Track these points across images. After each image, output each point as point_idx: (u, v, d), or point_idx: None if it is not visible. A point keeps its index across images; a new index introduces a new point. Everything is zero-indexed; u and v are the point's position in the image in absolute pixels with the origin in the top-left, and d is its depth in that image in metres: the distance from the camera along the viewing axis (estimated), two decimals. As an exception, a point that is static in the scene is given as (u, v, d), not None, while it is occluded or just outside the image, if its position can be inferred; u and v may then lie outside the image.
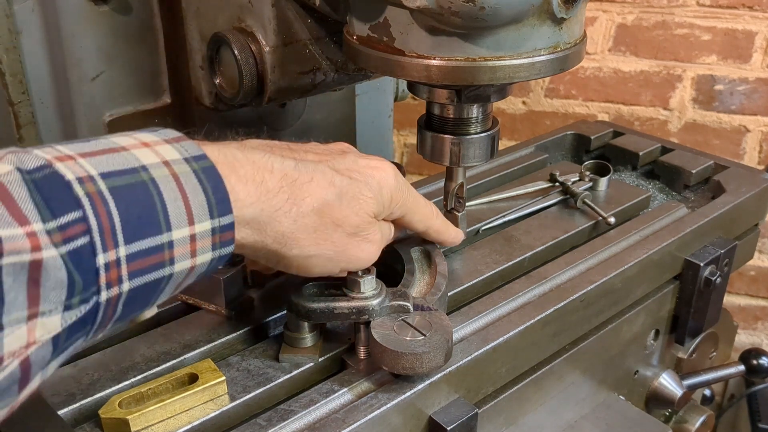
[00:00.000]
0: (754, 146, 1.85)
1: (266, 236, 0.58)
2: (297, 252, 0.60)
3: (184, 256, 0.50)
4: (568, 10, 0.64)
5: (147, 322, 0.72)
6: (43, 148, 0.47)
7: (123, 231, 0.46)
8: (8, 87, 0.87)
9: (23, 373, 0.44)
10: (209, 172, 0.51)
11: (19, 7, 0.84)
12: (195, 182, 0.50)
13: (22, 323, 0.42)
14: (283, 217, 0.58)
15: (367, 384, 0.65)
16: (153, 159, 0.49)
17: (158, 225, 0.48)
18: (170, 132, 0.53)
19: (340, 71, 0.85)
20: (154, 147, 0.50)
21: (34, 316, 0.42)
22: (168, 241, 0.48)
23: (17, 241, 0.41)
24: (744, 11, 1.73)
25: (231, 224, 0.52)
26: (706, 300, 0.93)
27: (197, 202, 0.50)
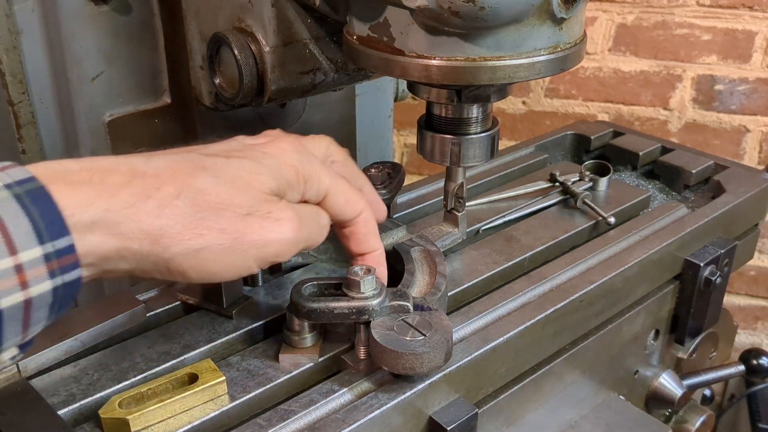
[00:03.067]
0: (754, 146, 1.85)
1: (127, 239, 0.51)
2: (178, 249, 0.52)
3: (10, 290, 0.45)
4: (568, 10, 0.64)
5: (147, 322, 0.72)
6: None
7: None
8: (8, 87, 0.87)
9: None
10: (35, 193, 0.46)
11: (19, 7, 0.84)
12: (15, 207, 0.45)
13: None
14: (140, 214, 0.51)
15: (367, 384, 0.65)
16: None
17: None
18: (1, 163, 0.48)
19: (340, 71, 0.85)
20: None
21: None
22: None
23: None
24: (744, 11, 1.73)
25: (70, 247, 0.47)
26: (706, 300, 0.93)
27: (19, 229, 0.45)
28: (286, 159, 0.59)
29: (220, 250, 0.54)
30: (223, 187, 0.54)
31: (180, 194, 0.53)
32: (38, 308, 0.48)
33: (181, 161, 0.55)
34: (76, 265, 0.48)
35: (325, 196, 0.62)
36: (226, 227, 0.54)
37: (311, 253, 0.82)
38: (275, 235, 0.56)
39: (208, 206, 0.54)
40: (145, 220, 0.51)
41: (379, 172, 0.87)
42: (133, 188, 0.51)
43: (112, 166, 0.52)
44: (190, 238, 0.53)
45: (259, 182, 0.56)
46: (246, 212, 0.55)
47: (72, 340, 0.67)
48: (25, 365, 0.64)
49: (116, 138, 0.93)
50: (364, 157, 1.20)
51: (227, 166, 0.56)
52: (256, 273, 0.78)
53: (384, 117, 1.25)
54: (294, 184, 0.59)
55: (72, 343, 0.67)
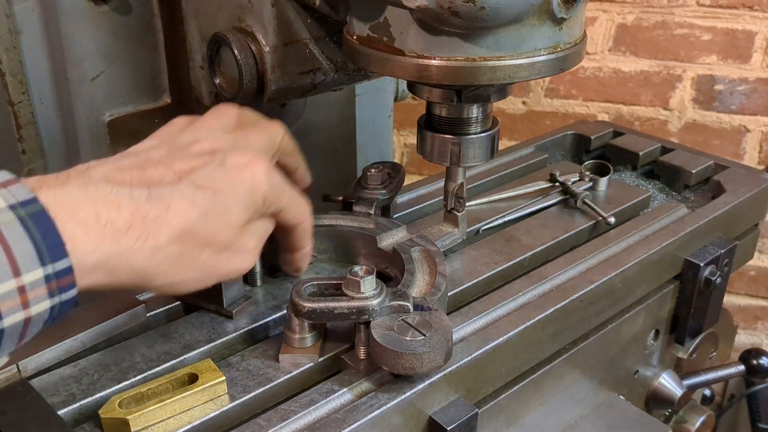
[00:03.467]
0: (754, 146, 1.85)
1: (120, 276, 0.55)
2: (160, 282, 0.58)
3: (12, 309, 0.48)
4: (568, 10, 0.64)
5: (147, 322, 0.72)
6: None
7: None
8: (8, 87, 0.87)
9: None
10: (38, 217, 0.49)
11: (19, 7, 0.84)
12: (20, 230, 0.48)
13: None
14: (136, 256, 0.55)
15: (367, 384, 0.65)
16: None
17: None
18: (2, 175, 0.50)
19: (340, 71, 0.84)
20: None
21: None
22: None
23: None
24: (744, 11, 1.73)
25: (68, 268, 0.50)
26: (706, 300, 0.93)
27: (23, 252, 0.47)
28: (259, 187, 0.63)
29: (195, 281, 0.61)
30: (209, 226, 0.59)
31: (173, 236, 0.57)
32: (36, 324, 0.50)
33: (177, 197, 0.58)
34: (72, 285, 0.51)
35: (279, 212, 0.68)
36: (203, 263, 0.60)
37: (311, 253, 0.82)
38: (240, 265, 0.64)
39: (193, 244, 0.58)
40: (138, 261, 0.55)
41: (379, 172, 0.87)
42: (134, 231, 0.55)
43: (117, 201, 0.54)
44: (173, 275, 0.58)
45: (238, 217, 0.62)
46: (223, 248, 0.61)
47: (72, 340, 0.67)
48: (25, 365, 0.64)
49: (116, 138, 0.93)
50: (364, 157, 1.20)
51: (214, 203, 0.60)
52: (256, 272, 0.78)
53: (384, 117, 1.25)
54: (260, 208, 0.64)
55: (72, 343, 0.67)
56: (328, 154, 1.10)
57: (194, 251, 0.59)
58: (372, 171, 0.87)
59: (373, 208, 0.84)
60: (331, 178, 1.11)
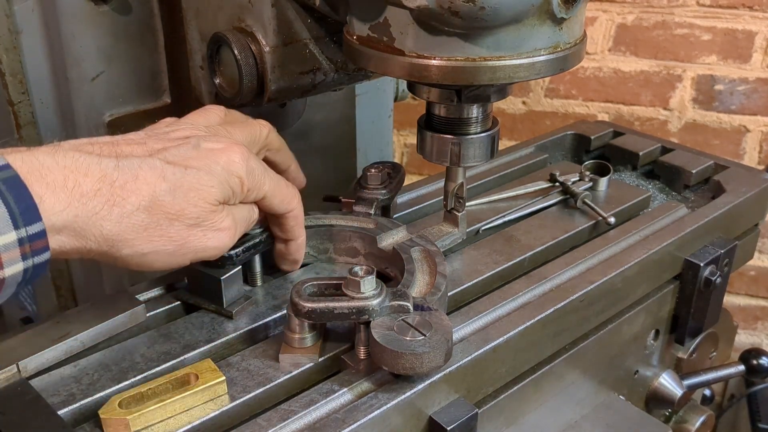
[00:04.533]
0: (754, 146, 1.85)
1: (88, 241, 0.56)
2: (128, 252, 0.59)
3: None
4: (568, 10, 0.64)
5: (147, 322, 0.72)
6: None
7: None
8: (8, 87, 0.87)
9: None
10: (11, 182, 0.50)
11: (19, 7, 0.84)
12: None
13: None
14: (104, 221, 0.56)
15: (367, 384, 0.65)
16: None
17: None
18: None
19: (340, 71, 0.85)
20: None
21: None
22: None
23: None
24: (744, 11, 1.73)
25: (42, 232, 0.52)
26: (706, 300, 0.93)
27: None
28: (235, 170, 0.64)
29: (165, 254, 0.61)
30: (178, 199, 0.60)
31: (140, 205, 0.58)
32: (9, 286, 0.52)
33: (146, 168, 0.59)
34: (46, 249, 0.53)
35: (263, 198, 0.69)
36: (173, 235, 0.61)
37: (311, 253, 0.82)
38: (214, 243, 0.64)
39: (162, 216, 0.60)
40: (106, 226, 0.57)
41: (379, 172, 0.87)
42: (101, 197, 0.56)
43: (85, 166, 0.56)
44: (141, 243, 0.59)
45: (210, 195, 0.62)
46: (194, 223, 0.62)
47: (72, 340, 0.67)
48: (25, 365, 0.64)
49: (116, 138, 0.93)
50: (364, 157, 1.20)
51: (185, 177, 0.61)
52: (256, 272, 0.78)
53: (384, 117, 1.25)
54: (238, 192, 0.65)
55: (72, 343, 0.67)
56: (328, 154, 1.10)
57: (163, 223, 0.60)
58: (372, 171, 0.87)
59: (373, 208, 0.84)
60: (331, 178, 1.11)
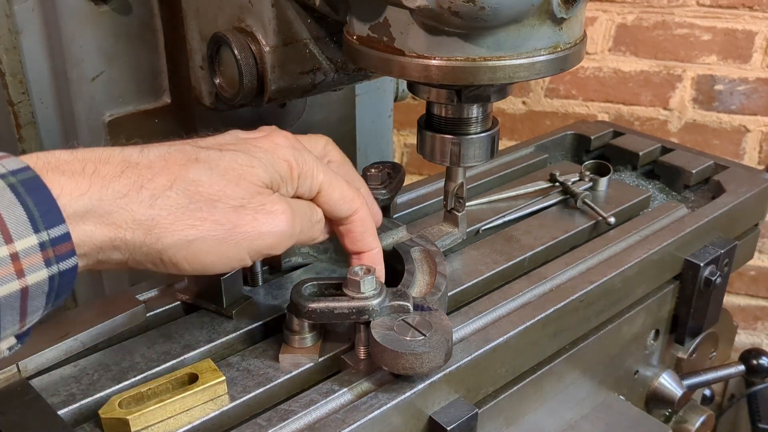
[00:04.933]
0: (754, 146, 1.85)
1: (119, 229, 0.51)
2: (171, 240, 0.52)
3: (5, 278, 0.46)
4: (568, 10, 0.64)
5: (147, 322, 0.72)
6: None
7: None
8: (8, 87, 0.87)
9: None
10: (31, 183, 0.47)
11: (19, 7, 0.84)
12: (10, 196, 0.46)
13: None
14: (133, 204, 0.51)
15: (367, 384, 0.65)
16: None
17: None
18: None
19: (340, 71, 0.85)
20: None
21: None
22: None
23: None
24: (744, 11, 1.73)
25: (65, 235, 0.48)
26: (706, 300, 0.93)
27: (14, 218, 0.46)
28: (279, 153, 0.59)
29: (214, 242, 0.54)
30: (216, 178, 0.55)
31: (173, 185, 0.53)
32: (35, 297, 0.48)
33: (174, 153, 0.55)
34: (71, 254, 0.48)
35: (318, 192, 0.62)
36: (219, 218, 0.54)
37: (311, 252, 0.82)
38: (269, 227, 0.57)
39: (201, 197, 0.54)
40: (138, 209, 0.51)
41: (379, 172, 0.87)
42: (126, 178, 0.51)
43: (105, 156, 0.52)
44: (183, 228, 0.53)
45: (252, 175, 0.56)
46: (239, 204, 0.55)
47: (72, 340, 0.67)
48: (25, 365, 0.64)
49: (116, 138, 0.93)
50: (364, 157, 1.20)
51: (221, 158, 0.56)
52: (256, 272, 0.78)
53: (384, 117, 1.25)
54: (287, 178, 0.59)
55: (72, 343, 0.67)
56: (328, 154, 1.10)
57: (203, 204, 0.54)
58: (372, 171, 0.87)
59: (373, 208, 0.84)
60: (331, 178, 1.11)
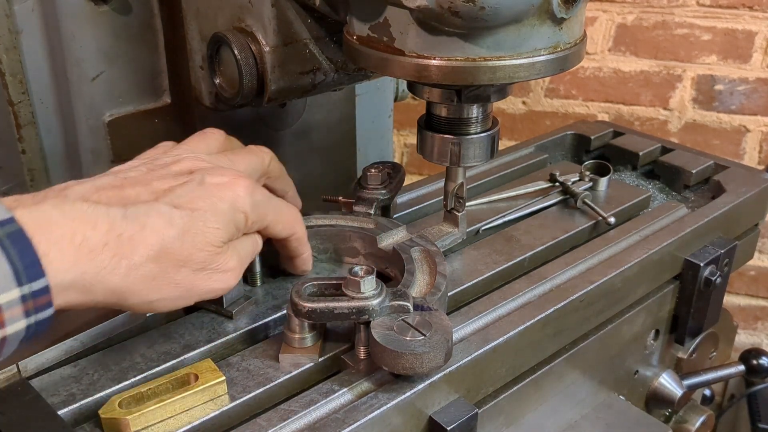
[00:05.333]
0: (754, 146, 1.85)
1: (96, 295, 0.55)
2: (136, 301, 0.58)
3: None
4: (568, 10, 0.64)
5: (147, 322, 0.72)
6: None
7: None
8: (8, 87, 0.86)
9: None
10: (15, 236, 0.49)
11: (19, 7, 0.84)
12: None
13: None
14: (111, 275, 0.55)
15: (367, 384, 0.65)
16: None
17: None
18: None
19: (340, 71, 0.85)
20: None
21: None
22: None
23: None
24: (744, 11, 1.73)
25: (45, 288, 0.50)
26: (706, 300, 0.93)
27: (0, 271, 0.48)
28: (240, 206, 0.64)
29: (171, 300, 0.61)
30: (186, 245, 0.60)
31: (149, 255, 0.57)
32: (11, 343, 0.51)
33: (154, 216, 0.59)
34: (49, 305, 0.51)
35: (266, 227, 0.69)
36: (180, 282, 0.60)
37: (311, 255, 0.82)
38: (219, 285, 0.64)
39: (170, 264, 0.59)
40: (114, 280, 0.56)
41: (379, 172, 0.87)
42: (109, 251, 0.55)
43: (94, 219, 0.55)
44: (149, 293, 0.59)
45: (216, 237, 0.62)
46: (200, 267, 0.61)
47: (72, 340, 0.67)
48: (25, 365, 0.64)
49: (116, 138, 0.93)
50: (364, 157, 1.20)
51: (192, 221, 0.60)
52: (256, 272, 0.78)
53: (384, 117, 1.25)
54: (242, 227, 0.65)
55: (72, 343, 0.67)
56: (328, 154, 1.10)
57: (171, 270, 0.59)
58: (372, 171, 0.87)
59: (373, 208, 0.84)
60: (331, 178, 1.11)
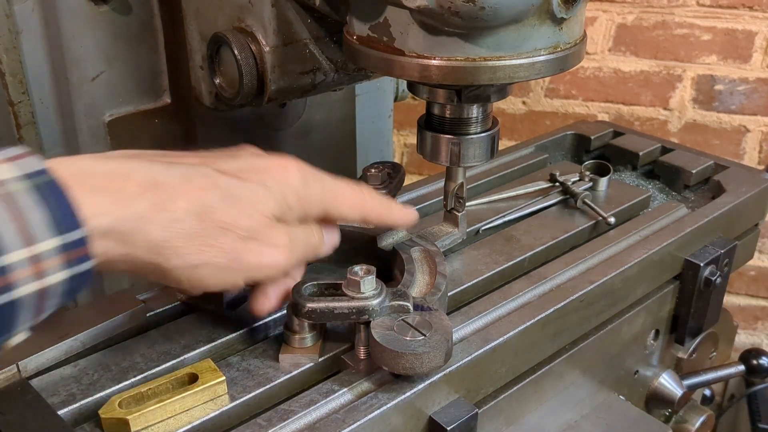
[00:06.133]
0: (754, 146, 1.85)
1: (135, 248, 0.53)
2: (178, 262, 0.56)
3: (26, 279, 0.47)
4: (568, 10, 0.64)
5: (147, 322, 0.73)
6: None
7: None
8: (8, 87, 0.87)
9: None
10: (50, 186, 0.48)
11: (19, 7, 0.84)
12: (33, 199, 0.47)
13: None
14: (150, 225, 0.53)
15: (367, 384, 0.65)
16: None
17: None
18: (15, 150, 0.50)
19: (340, 71, 0.85)
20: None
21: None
22: (0, 267, 0.46)
23: None
24: (744, 11, 1.73)
25: (83, 239, 0.49)
26: (706, 300, 0.93)
27: (36, 220, 0.47)
28: (291, 184, 0.62)
29: (216, 268, 0.58)
30: (231, 209, 0.57)
31: (190, 209, 0.55)
32: (51, 297, 0.49)
33: (197, 175, 0.57)
34: (87, 257, 0.50)
35: (326, 211, 0.66)
36: (226, 247, 0.57)
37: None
38: (268, 260, 0.61)
39: (213, 224, 0.56)
40: (154, 231, 0.54)
41: (379, 172, 0.87)
42: (148, 199, 0.54)
43: (131, 171, 0.54)
44: (192, 253, 0.56)
45: (265, 207, 0.60)
46: (247, 235, 0.59)
47: (72, 340, 0.67)
48: (25, 365, 0.64)
49: (116, 138, 0.93)
50: (364, 157, 1.20)
51: (238, 188, 0.59)
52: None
53: (384, 117, 1.25)
54: (294, 208, 0.62)
55: (72, 343, 0.67)
56: (328, 154, 1.10)
57: (215, 232, 0.56)
58: (372, 171, 0.87)
59: (373, 208, 0.84)
60: (331, 178, 1.11)
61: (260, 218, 0.59)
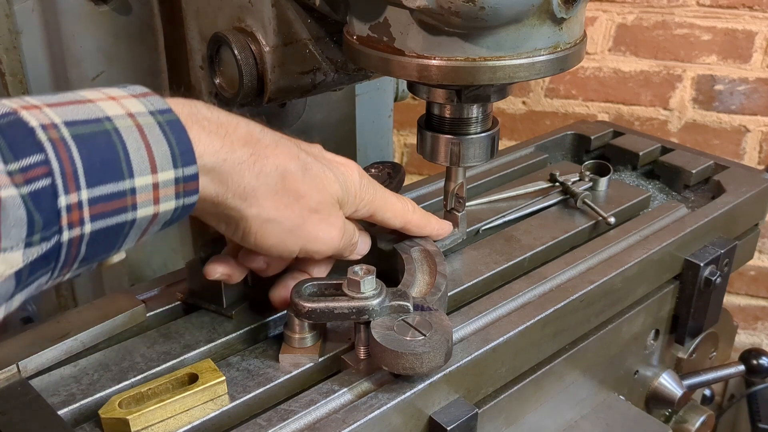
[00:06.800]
0: (754, 146, 1.85)
1: (228, 188, 0.59)
2: (256, 211, 0.61)
3: (146, 202, 0.52)
4: (568, 10, 0.64)
5: (147, 322, 0.73)
6: (12, 99, 0.49)
7: (85, 175, 0.48)
8: (8, 87, 0.87)
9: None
10: (174, 125, 0.53)
11: (19, 7, 0.84)
12: (159, 133, 0.52)
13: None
14: (246, 171, 0.59)
15: (367, 384, 0.65)
16: (118, 111, 0.51)
17: (120, 172, 0.50)
18: (139, 88, 0.55)
19: (340, 71, 0.85)
20: (120, 100, 0.52)
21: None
22: (130, 188, 0.50)
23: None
24: (744, 11, 1.73)
25: (195, 174, 0.54)
26: (706, 300, 0.93)
27: (160, 152, 0.52)
28: (353, 178, 0.69)
29: (283, 229, 0.63)
30: (307, 179, 0.63)
31: (278, 168, 0.61)
32: (158, 223, 0.54)
33: (285, 143, 0.63)
34: (195, 191, 0.55)
35: (373, 214, 0.72)
36: (296, 211, 0.63)
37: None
38: (325, 235, 0.66)
39: (291, 189, 0.62)
40: (248, 178, 0.59)
41: (379, 172, 0.87)
42: (248, 148, 0.59)
43: (235, 123, 0.60)
44: (268, 207, 0.61)
45: (333, 189, 0.66)
46: (315, 207, 0.64)
47: (72, 340, 0.67)
48: (25, 365, 0.64)
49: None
50: (364, 157, 1.20)
51: (315, 165, 0.65)
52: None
53: (384, 117, 1.25)
54: (352, 199, 0.69)
55: (72, 343, 0.67)
56: (328, 154, 1.10)
57: (291, 195, 0.62)
58: (372, 171, 0.87)
59: (373, 208, 0.84)
60: (331, 178, 1.11)
61: (327, 196, 0.65)
